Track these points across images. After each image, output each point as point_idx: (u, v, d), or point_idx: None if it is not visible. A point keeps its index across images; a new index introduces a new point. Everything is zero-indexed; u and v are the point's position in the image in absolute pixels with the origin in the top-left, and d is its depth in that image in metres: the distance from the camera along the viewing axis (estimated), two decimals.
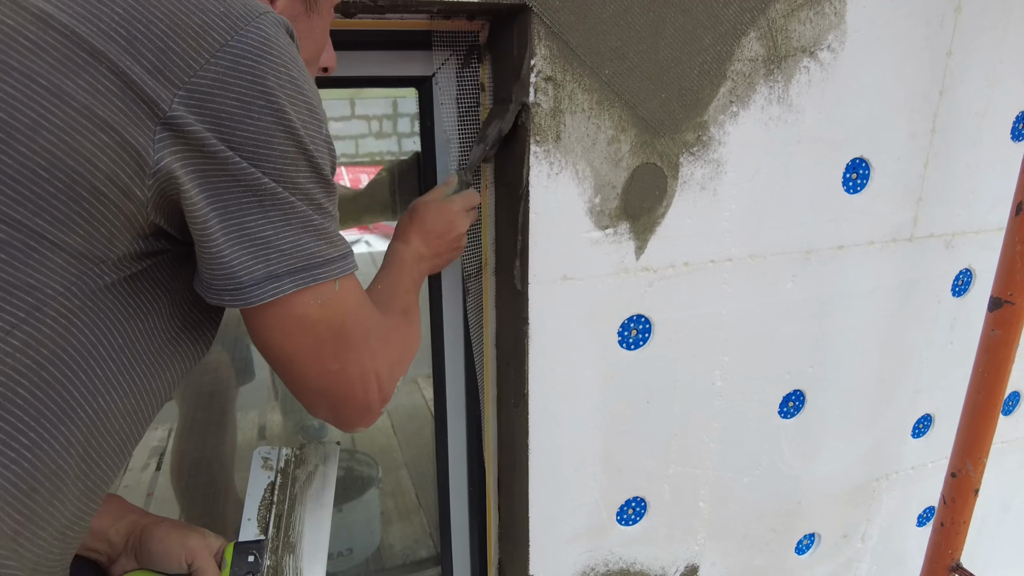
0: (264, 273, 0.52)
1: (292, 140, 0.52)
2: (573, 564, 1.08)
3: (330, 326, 0.56)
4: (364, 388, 0.61)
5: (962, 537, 1.03)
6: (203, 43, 0.47)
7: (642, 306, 0.98)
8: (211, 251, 0.51)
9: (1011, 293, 0.88)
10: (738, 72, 0.92)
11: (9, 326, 0.46)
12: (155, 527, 0.73)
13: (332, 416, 0.63)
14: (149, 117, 0.47)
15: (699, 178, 0.95)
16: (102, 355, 0.51)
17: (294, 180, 0.52)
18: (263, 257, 0.52)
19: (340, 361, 0.58)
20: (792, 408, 1.17)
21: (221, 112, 0.48)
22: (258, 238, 0.51)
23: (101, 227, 0.48)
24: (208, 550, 0.74)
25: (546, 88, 0.83)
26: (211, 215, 0.50)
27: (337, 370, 0.58)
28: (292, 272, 0.53)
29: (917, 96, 1.05)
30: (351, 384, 0.60)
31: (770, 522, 1.24)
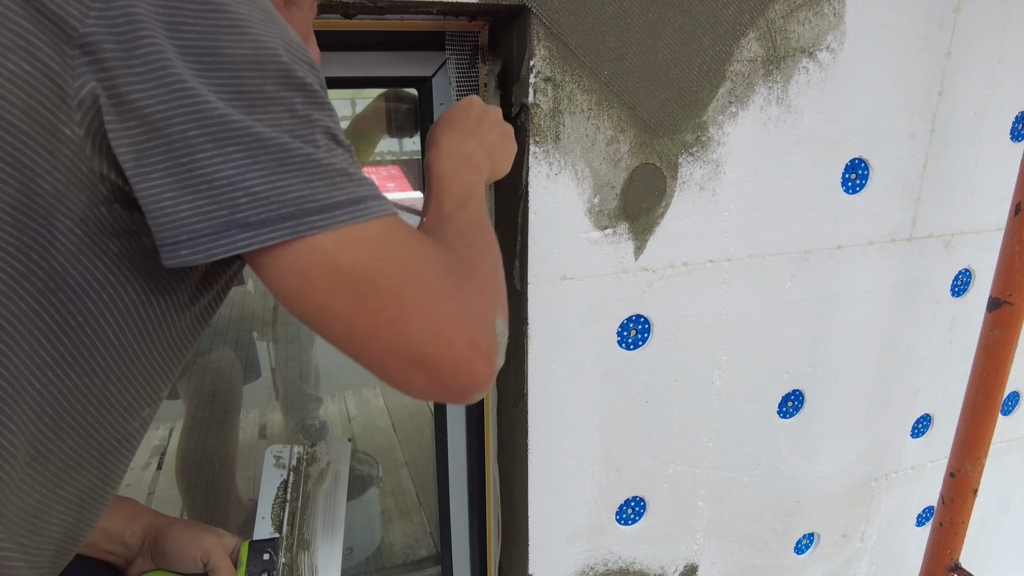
0: (227, 220, 0.42)
1: (248, 42, 0.42)
2: (572, 563, 1.09)
3: (363, 273, 0.45)
4: (446, 339, 0.48)
5: (961, 537, 1.03)
6: None
7: (641, 306, 0.98)
8: (153, 199, 0.42)
9: (1010, 293, 0.88)
10: (737, 73, 0.92)
11: None
12: (169, 528, 0.73)
13: (431, 385, 0.50)
14: (61, 39, 0.40)
15: (698, 178, 0.95)
16: (50, 327, 0.46)
17: (256, 100, 0.42)
18: (226, 202, 0.42)
19: (394, 308, 0.46)
20: (791, 408, 1.17)
21: (144, 22, 0.40)
22: (216, 179, 0.41)
23: (39, 178, 0.42)
24: (223, 549, 0.74)
25: (545, 89, 0.83)
26: (149, 155, 0.41)
27: (393, 319, 0.46)
28: (275, 220, 0.42)
29: (916, 97, 1.05)
30: (425, 338, 0.47)
31: (769, 521, 1.24)
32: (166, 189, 0.41)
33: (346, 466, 0.89)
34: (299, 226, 0.43)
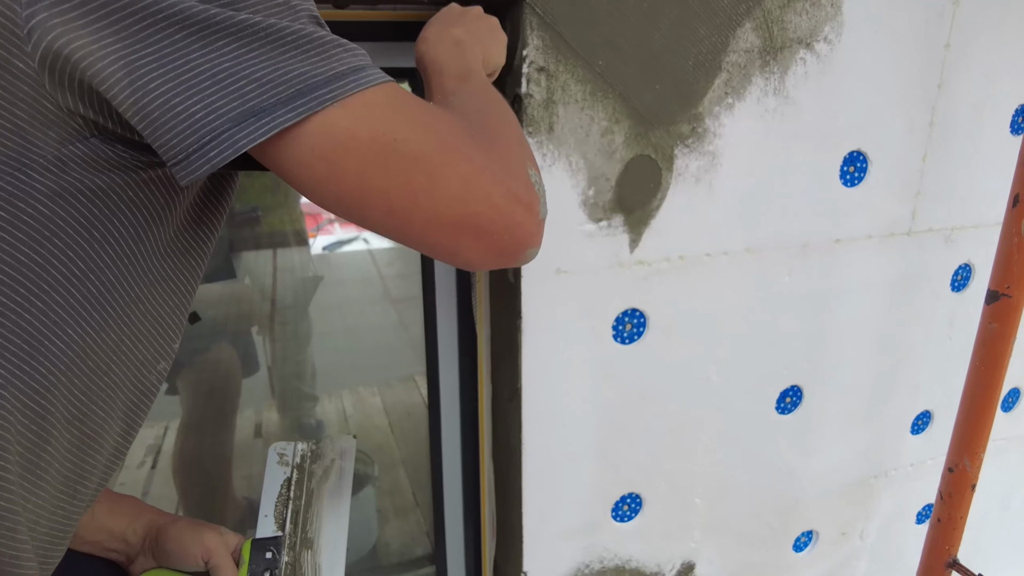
0: (241, 111, 0.41)
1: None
2: (567, 561, 1.07)
3: (383, 141, 0.44)
4: (482, 194, 0.47)
5: (959, 533, 1.02)
6: None
7: (637, 300, 0.97)
8: (161, 111, 0.40)
9: (1008, 286, 0.87)
10: (733, 63, 0.91)
11: None
12: (171, 526, 0.73)
13: (482, 248, 0.49)
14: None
15: (694, 170, 0.94)
16: (57, 279, 0.45)
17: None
18: (234, 93, 0.41)
19: (423, 172, 0.45)
20: (789, 404, 1.16)
21: None
22: (218, 74, 0.41)
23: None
24: (225, 547, 0.73)
25: (539, 79, 0.82)
26: (140, 68, 0.40)
27: (426, 184, 0.45)
28: (286, 101, 0.41)
29: (915, 89, 1.04)
30: (462, 197, 0.46)
31: (767, 519, 1.23)
32: (172, 97, 0.40)
33: (351, 463, 0.89)
34: (311, 102, 0.42)
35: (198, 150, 0.41)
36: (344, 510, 0.85)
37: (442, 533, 1.22)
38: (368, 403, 2.52)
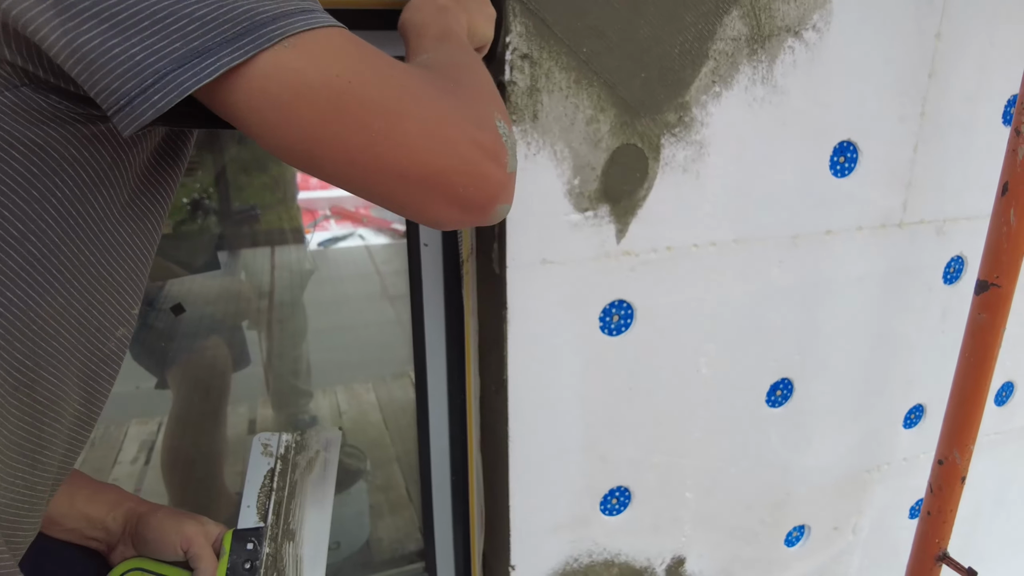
0: (184, 51, 0.39)
1: None
2: (556, 555, 1.07)
3: (337, 84, 0.42)
4: (445, 143, 0.45)
5: (949, 526, 1.01)
6: None
7: (624, 291, 0.96)
8: (98, 55, 0.38)
9: (997, 276, 0.86)
10: (721, 52, 0.91)
11: None
12: (152, 515, 0.72)
13: (449, 203, 0.47)
14: None
15: (681, 160, 0.93)
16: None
17: None
18: (176, 33, 0.39)
19: (381, 118, 0.43)
20: (780, 397, 1.15)
21: None
22: (157, 13, 0.38)
23: None
24: (205, 537, 0.73)
25: (522, 66, 0.81)
26: (73, 10, 0.38)
27: (385, 131, 0.43)
28: (231, 40, 0.39)
29: (906, 79, 1.04)
30: (424, 146, 0.44)
31: (759, 513, 1.22)
32: (109, 38, 0.38)
33: (336, 454, 0.88)
34: (257, 39, 0.40)
35: (140, 94, 0.39)
36: (328, 502, 0.84)
37: (431, 528, 1.21)
38: (363, 399, 2.52)
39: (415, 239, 1.03)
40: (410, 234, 1.03)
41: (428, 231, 1.03)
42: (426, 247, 1.03)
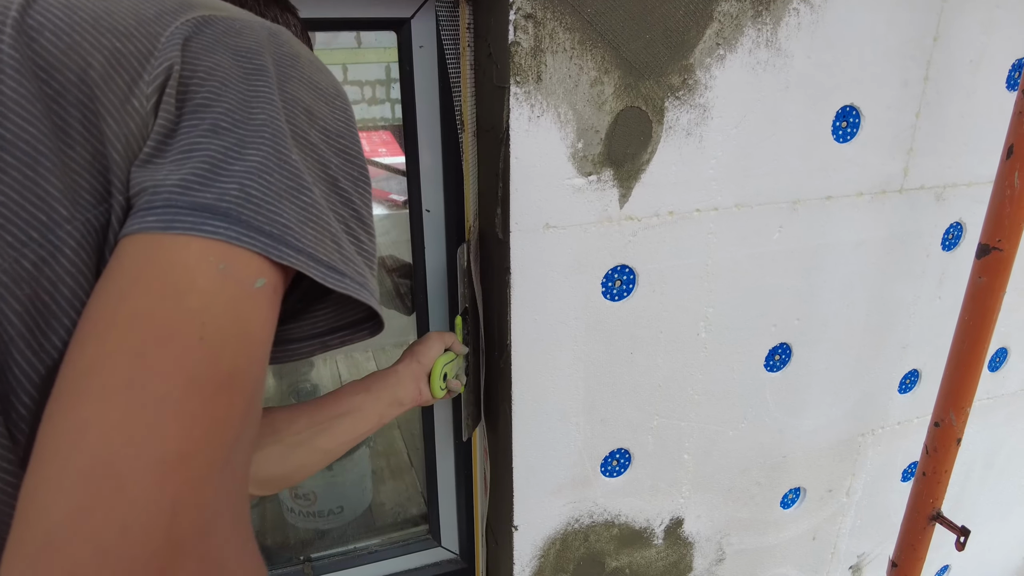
0: (207, 203, 0.37)
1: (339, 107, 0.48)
2: (557, 515, 1.09)
3: (207, 346, 0.34)
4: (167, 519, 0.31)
5: (943, 486, 1.03)
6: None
7: (626, 256, 0.97)
8: (159, 169, 0.40)
9: (999, 239, 0.87)
10: (725, 13, 0.90)
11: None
12: (414, 346, 0.97)
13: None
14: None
15: (685, 124, 0.93)
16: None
17: (323, 165, 0.45)
18: (216, 186, 0.39)
19: (201, 425, 0.33)
20: (778, 361, 1.16)
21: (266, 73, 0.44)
22: (219, 164, 0.39)
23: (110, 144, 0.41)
24: (442, 335, 0.99)
25: (526, 26, 0.80)
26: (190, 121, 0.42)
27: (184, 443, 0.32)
28: (256, 229, 0.37)
29: (910, 42, 1.03)
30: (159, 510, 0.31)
31: (755, 476, 1.24)
32: (174, 159, 0.39)
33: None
34: (279, 248, 0.38)
35: (144, 211, 0.38)
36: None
37: (434, 491, 1.23)
38: (362, 368, 2.53)
39: (417, 205, 1.02)
40: (412, 200, 1.02)
41: (430, 197, 1.02)
42: (428, 213, 1.03)
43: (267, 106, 0.41)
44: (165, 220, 0.36)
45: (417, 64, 0.93)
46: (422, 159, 0.99)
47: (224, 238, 0.36)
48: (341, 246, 0.42)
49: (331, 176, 0.44)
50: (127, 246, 0.36)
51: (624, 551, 1.18)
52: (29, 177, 0.36)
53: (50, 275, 0.36)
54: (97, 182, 0.38)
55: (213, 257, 0.35)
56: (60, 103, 0.37)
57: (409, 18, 0.91)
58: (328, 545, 1.31)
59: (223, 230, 0.36)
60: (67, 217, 0.37)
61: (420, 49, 0.93)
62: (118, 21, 0.40)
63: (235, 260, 0.36)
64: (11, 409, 0.36)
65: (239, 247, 0.36)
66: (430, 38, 0.93)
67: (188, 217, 0.36)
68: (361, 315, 0.49)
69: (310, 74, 0.46)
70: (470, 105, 0.95)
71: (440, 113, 0.97)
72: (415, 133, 0.97)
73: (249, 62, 0.42)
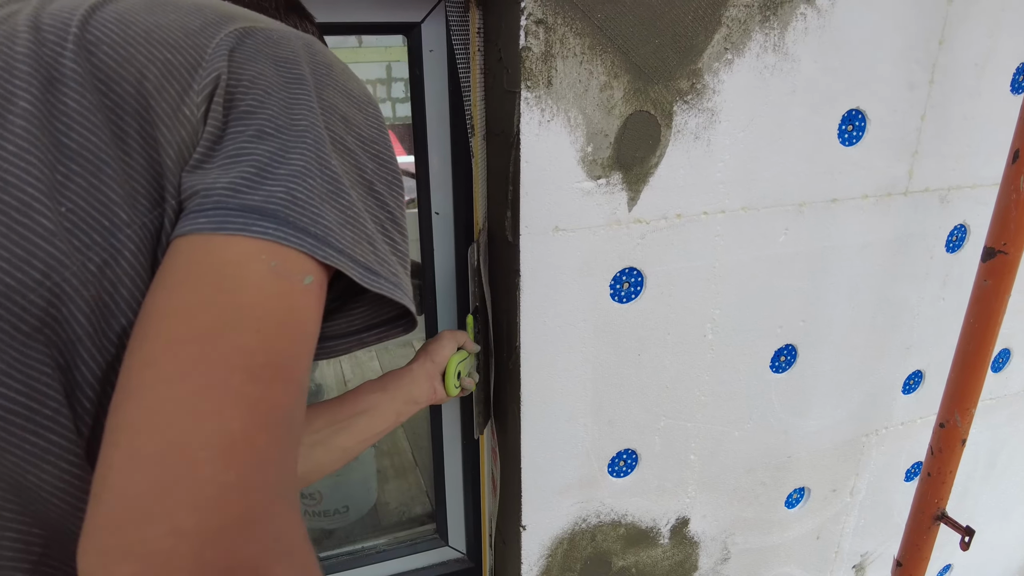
0: (254, 205, 0.39)
1: (373, 118, 0.51)
2: (565, 515, 1.10)
3: (263, 336, 0.36)
4: (247, 501, 0.32)
5: (948, 486, 1.04)
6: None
7: (634, 258, 0.97)
8: (213, 168, 0.43)
9: (1004, 243, 0.88)
10: (733, 18, 0.90)
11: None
12: (428, 345, 0.97)
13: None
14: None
15: (693, 127, 0.93)
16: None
17: (358, 164, 0.48)
18: (264, 188, 0.41)
19: (248, 407, 0.34)
20: (784, 363, 1.17)
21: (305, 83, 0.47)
22: (267, 169, 0.41)
23: (163, 152, 0.44)
24: (458, 335, 1.00)
25: (537, 31, 0.81)
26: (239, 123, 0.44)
27: (235, 431, 0.33)
28: (302, 229, 0.39)
29: (916, 46, 1.04)
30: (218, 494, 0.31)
31: (760, 476, 1.25)
32: (221, 162, 0.40)
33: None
34: (323, 248, 0.40)
35: (193, 214, 0.41)
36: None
37: (442, 490, 1.24)
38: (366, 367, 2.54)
39: (426, 208, 1.03)
40: (421, 203, 1.03)
41: (439, 200, 1.03)
42: (437, 215, 1.04)
43: (307, 113, 0.42)
44: (217, 221, 0.38)
45: (427, 68, 0.94)
46: (431, 162, 1.00)
47: (273, 238, 0.38)
48: (376, 247, 0.44)
49: (367, 180, 0.45)
50: (182, 246, 0.38)
51: (630, 551, 1.19)
52: (94, 184, 0.38)
53: (111, 276, 0.39)
54: (152, 188, 0.40)
55: (265, 255, 0.37)
56: (118, 113, 0.39)
57: (419, 23, 0.92)
58: (334, 544, 1.32)
59: (272, 230, 0.38)
60: (127, 221, 0.39)
61: (430, 53, 0.93)
62: (167, 34, 0.42)
63: (285, 258, 0.38)
64: (77, 404, 0.38)
65: (287, 247, 0.38)
66: (440, 42, 0.93)
67: (238, 218, 0.38)
68: (395, 313, 0.52)
69: (344, 82, 0.47)
70: (480, 109, 0.96)
71: (449, 117, 0.98)
72: (424, 137, 0.98)
73: (289, 71, 0.44)
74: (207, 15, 0.44)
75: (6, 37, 0.39)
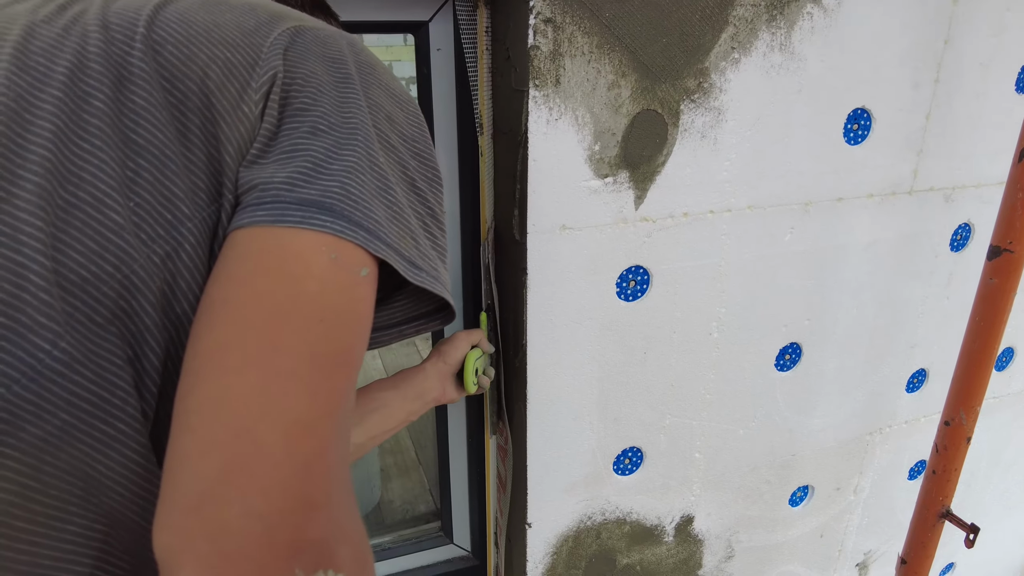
0: (312, 199, 0.40)
1: (414, 117, 0.53)
2: (570, 513, 1.10)
3: (326, 326, 0.37)
4: (308, 476, 0.33)
5: (953, 484, 1.05)
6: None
7: (641, 257, 0.98)
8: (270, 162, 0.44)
9: (1010, 241, 0.88)
10: (740, 17, 0.91)
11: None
12: (441, 346, 0.96)
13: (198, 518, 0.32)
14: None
15: (699, 126, 0.94)
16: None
17: (404, 166, 0.49)
18: (320, 182, 0.42)
19: (312, 393, 0.35)
20: (788, 361, 1.17)
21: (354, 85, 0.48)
22: (322, 164, 0.42)
23: (223, 148, 0.45)
24: (469, 333, 0.98)
25: (545, 30, 0.81)
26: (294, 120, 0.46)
27: (301, 411, 0.34)
28: (354, 218, 0.40)
29: (921, 45, 1.04)
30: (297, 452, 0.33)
31: (764, 474, 1.25)
32: (279, 158, 0.42)
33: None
34: (375, 242, 0.41)
35: (253, 207, 0.42)
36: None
37: (447, 489, 1.24)
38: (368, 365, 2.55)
39: None
40: None
41: (446, 198, 1.03)
42: (444, 214, 1.04)
43: (357, 111, 0.44)
44: (276, 214, 0.39)
45: (434, 67, 0.94)
46: (439, 161, 1.00)
47: (331, 231, 0.39)
48: (419, 242, 0.45)
49: (409, 177, 0.47)
50: (241, 237, 0.39)
51: (635, 548, 1.19)
52: (159, 179, 0.39)
53: (172, 268, 0.40)
54: (212, 183, 0.41)
55: (325, 248, 0.38)
56: (182, 110, 0.40)
57: (427, 21, 0.92)
58: None
59: (330, 223, 0.39)
60: (188, 215, 0.40)
61: (438, 52, 0.93)
62: (226, 33, 0.43)
63: (343, 251, 0.39)
64: (145, 391, 0.39)
65: (345, 239, 0.39)
66: (447, 41, 0.93)
67: (297, 212, 0.39)
68: (434, 306, 0.53)
69: (387, 81, 0.49)
70: (487, 108, 0.96)
71: (456, 115, 0.98)
72: (432, 135, 0.98)
73: (338, 70, 0.45)
74: (259, 15, 0.45)
75: (80, 37, 0.40)
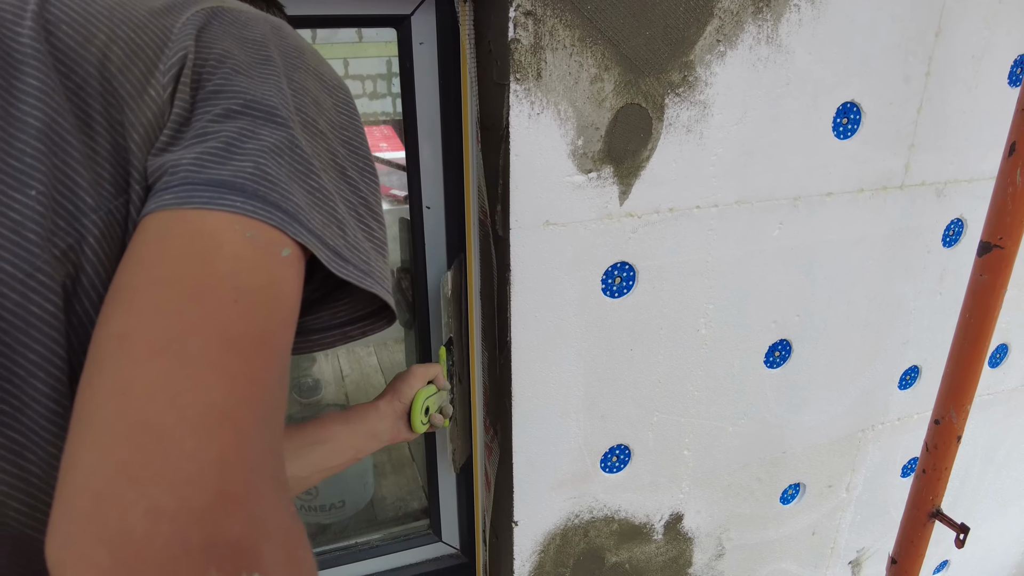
0: (222, 179, 0.38)
1: (344, 104, 0.51)
2: (557, 511, 1.09)
3: (242, 306, 0.34)
4: (222, 472, 0.30)
5: (943, 484, 1.04)
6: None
7: (626, 253, 0.97)
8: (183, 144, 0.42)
9: (1000, 237, 0.87)
10: (725, 10, 0.89)
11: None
12: (397, 381, 0.95)
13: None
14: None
15: (685, 120, 0.93)
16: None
17: (329, 149, 0.47)
18: (234, 161, 0.40)
19: (224, 387, 0.31)
20: (778, 358, 1.16)
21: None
22: (233, 145, 0.40)
23: (128, 133, 0.43)
24: (427, 368, 0.97)
25: (526, 23, 0.80)
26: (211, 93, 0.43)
27: (209, 403, 0.31)
28: (268, 200, 0.38)
29: (912, 38, 1.02)
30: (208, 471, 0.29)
31: (755, 471, 1.24)
32: (193, 141, 0.39)
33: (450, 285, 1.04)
34: (294, 225, 0.38)
35: (164, 191, 0.40)
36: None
37: (435, 486, 1.24)
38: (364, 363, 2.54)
39: (417, 202, 1.02)
40: (412, 197, 1.02)
41: (430, 194, 1.03)
42: (428, 209, 1.03)
43: (277, 92, 0.41)
44: (183, 196, 0.36)
45: (417, 61, 0.93)
46: (422, 155, 0.99)
47: (242, 211, 0.36)
48: (346, 233, 0.42)
49: (339, 164, 0.45)
50: (148, 223, 0.37)
51: (624, 546, 1.18)
52: (59, 168, 0.37)
53: (74, 261, 0.37)
54: (118, 173, 0.39)
55: (238, 226, 0.36)
56: (81, 95, 0.38)
57: (409, 15, 0.91)
58: (329, 539, 1.32)
59: (240, 203, 0.36)
60: (92, 206, 0.38)
61: (420, 46, 0.92)
62: (130, 12, 0.40)
63: (259, 230, 0.36)
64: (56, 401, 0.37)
65: (258, 220, 0.36)
66: (430, 35, 0.92)
67: (205, 192, 0.36)
68: (378, 305, 0.50)
69: (315, 66, 0.47)
70: (472, 102, 0.95)
71: (440, 109, 0.97)
72: (415, 130, 0.97)
73: (257, 52, 0.43)
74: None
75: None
